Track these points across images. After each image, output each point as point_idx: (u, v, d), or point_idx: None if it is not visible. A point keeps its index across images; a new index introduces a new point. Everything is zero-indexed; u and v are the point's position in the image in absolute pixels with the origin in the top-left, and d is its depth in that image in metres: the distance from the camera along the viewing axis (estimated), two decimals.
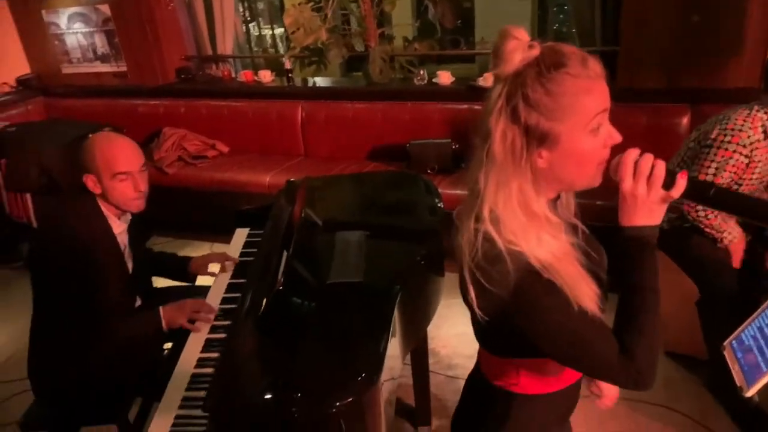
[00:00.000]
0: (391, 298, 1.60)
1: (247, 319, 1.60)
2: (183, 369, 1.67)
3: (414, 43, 4.44)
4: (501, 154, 0.93)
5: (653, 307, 0.94)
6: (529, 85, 0.90)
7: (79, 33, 4.87)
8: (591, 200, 2.88)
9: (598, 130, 0.93)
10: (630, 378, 0.92)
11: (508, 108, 0.92)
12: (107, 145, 1.87)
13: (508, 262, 0.90)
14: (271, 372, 1.44)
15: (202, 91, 4.65)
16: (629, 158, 0.92)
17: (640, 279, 0.94)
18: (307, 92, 4.40)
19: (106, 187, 1.86)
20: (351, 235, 1.94)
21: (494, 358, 1.12)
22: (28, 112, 4.94)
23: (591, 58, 0.92)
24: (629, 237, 0.94)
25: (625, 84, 3.38)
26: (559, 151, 0.93)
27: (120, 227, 1.97)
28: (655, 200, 0.91)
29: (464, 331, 2.97)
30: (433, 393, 2.52)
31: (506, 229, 0.92)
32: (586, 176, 0.96)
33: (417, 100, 3.99)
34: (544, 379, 1.09)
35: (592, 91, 0.91)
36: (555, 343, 0.95)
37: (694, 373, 2.58)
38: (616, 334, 0.94)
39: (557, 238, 0.95)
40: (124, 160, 1.86)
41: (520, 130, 0.92)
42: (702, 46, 3.14)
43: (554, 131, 0.92)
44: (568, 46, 0.92)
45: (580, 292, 0.92)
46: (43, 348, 1.94)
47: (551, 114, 0.91)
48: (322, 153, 4.28)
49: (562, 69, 0.90)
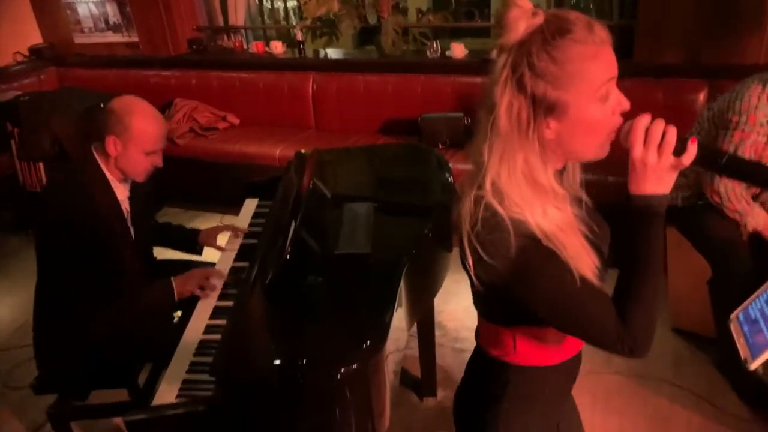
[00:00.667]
0: (398, 269, 1.60)
1: (255, 287, 1.61)
2: (191, 335, 1.69)
3: (428, 15, 4.38)
4: (507, 125, 0.91)
5: (654, 277, 0.93)
6: (534, 53, 0.89)
7: (91, 2, 4.84)
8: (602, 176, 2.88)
9: (606, 98, 0.91)
10: (625, 345, 0.92)
11: (513, 78, 0.90)
12: (147, 119, 1.86)
13: (510, 229, 0.90)
14: (277, 339, 1.46)
15: (214, 62, 4.62)
16: (640, 124, 0.90)
17: (644, 248, 0.93)
18: (319, 64, 4.36)
19: (129, 157, 1.86)
20: (359, 206, 1.94)
21: (491, 326, 1.11)
22: (40, 82, 4.95)
23: (596, 23, 0.90)
24: (637, 205, 0.92)
25: (642, 59, 3.32)
26: (568, 120, 0.91)
27: (123, 193, 1.97)
28: (665, 167, 0.90)
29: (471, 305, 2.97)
30: (439, 365, 2.54)
31: (510, 201, 0.91)
32: (594, 145, 0.95)
33: (429, 73, 3.94)
34: (542, 350, 1.08)
35: (598, 57, 0.89)
36: (552, 308, 0.95)
37: (702, 352, 2.57)
38: (615, 300, 0.94)
39: (562, 209, 0.94)
40: (159, 139, 1.90)
41: (526, 101, 0.91)
42: (721, 22, 3.07)
43: (562, 100, 0.90)
44: (572, 12, 0.90)
45: (581, 263, 0.92)
46: (48, 317, 1.96)
47: (558, 82, 0.89)
48: (333, 126, 4.26)
49: (567, 35, 0.88)
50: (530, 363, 1.10)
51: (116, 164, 1.90)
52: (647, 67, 3.28)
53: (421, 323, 2.32)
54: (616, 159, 0.99)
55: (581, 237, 0.94)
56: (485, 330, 1.15)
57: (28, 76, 4.93)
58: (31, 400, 2.18)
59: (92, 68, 4.91)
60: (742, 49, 3.07)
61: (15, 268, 3.64)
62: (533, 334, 1.07)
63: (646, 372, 2.47)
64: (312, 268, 1.68)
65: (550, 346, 1.08)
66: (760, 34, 3.01)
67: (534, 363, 1.10)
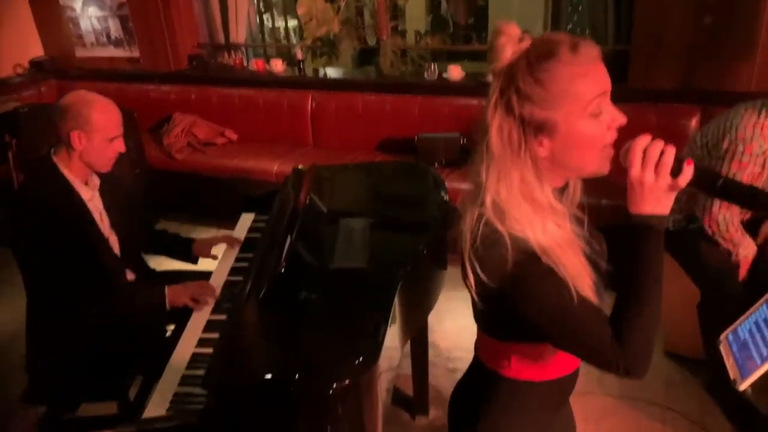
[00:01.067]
0: (393, 285, 1.61)
1: (249, 300, 1.61)
2: (184, 348, 1.69)
3: (426, 37, 4.44)
4: (499, 146, 0.95)
5: (653, 297, 0.93)
6: (519, 77, 0.93)
7: (93, 17, 4.89)
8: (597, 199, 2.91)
9: (599, 113, 0.93)
10: (621, 365, 0.92)
11: (502, 101, 0.94)
12: (104, 107, 1.90)
13: (509, 246, 0.92)
14: (270, 353, 1.46)
15: (214, 78, 4.66)
16: (639, 144, 0.92)
17: (643, 267, 0.93)
18: (318, 83, 4.40)
19: (95, 147, 1.87)
20: (355, 222, 1.95)
21: (490, 339, 1.13)
22: (40, 94, 4.98)
23: (583, 42, 0.93)
24: (636, 225, 0.94)
25: (636, 84, 3.37)
26: (560, 137, 0.94)
27: (88, 193, 1.96)
28: (662, 187, 0.91)
29: (465, 325, 2.95)
30: (432, 384, 2.53)
31: (510, 218, 0.94)
32: (592, 161, 0.97)
33: (427, 94, 3.99)
34: (536, 366, 1.09)
35: (587, 75, 0.92)
36: (548, 325, 0.95)
37: (694, 375, 2.57)
38: (612, 319, 0.94)
39: (562, 226, 0.96)
40: (119, 124, 1.93)
41: (515, 122, 0.94)
42: (714, 48, 3.13)
43: (550, 119, 0.93)
44: (558, 35, 0.93)
45: (580, 281, 0.93)
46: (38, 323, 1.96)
47: (544, 103, 0.92)
48: (331, 143, 4.29)
49: (552, 58, 0.91)
50: (523, 377, 1.10)
51: (82, 158, 1.89)
52: (641, 91, 3.33)
53: (415, 342, 2.32)
54: (612, 182, 1.01)
55: (581, 254, 0.96)
56: (484, 343, 1.16)
57: (28, 88, 4.96)
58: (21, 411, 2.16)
59: (92, 81, 4.94)
60: (734, 75, 3.13)
61: (7, 278, 3.62)
62: (529, 350, 1.08)
63: (638, 394, 2.47)
64: (307, 282, 1.69)
65: (546, 362, 1.09)
66: (750, 62, 3.06)
67: (527, 377, 1.10)
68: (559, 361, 1.10)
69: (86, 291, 1.86)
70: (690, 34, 3.14)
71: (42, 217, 1.81)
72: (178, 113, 4.52)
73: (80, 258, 1.86)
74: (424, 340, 2.38)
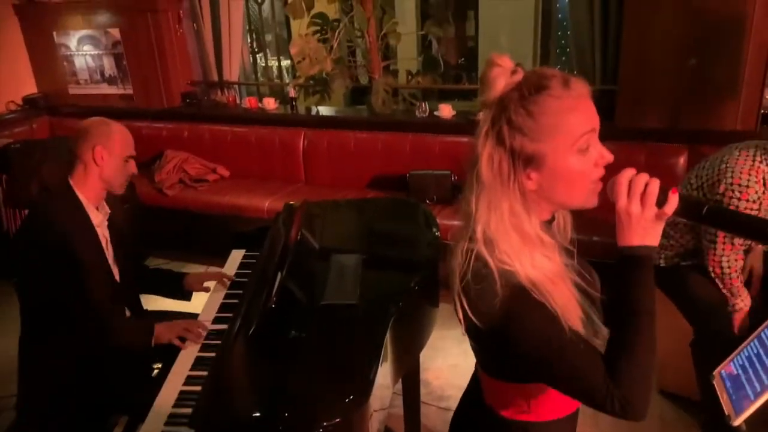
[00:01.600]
0: (384, 321, 1.60)
1: (238, 337, 1.59)
2: (171, 385, 1.66)
3: (417, 76, 4.51)
4: (489, 176, 0.95)
5: (647, 331, 0.91)
6: (512, 108, 0.94)
7: (88, 55, 4.95)
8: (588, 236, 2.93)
9: (587, 150, 0.94)
10: (616, 405, 0.88)
11: (493, 132, 0.95)
12: (123, 129, 2.02)
13: (497, 279, 0.91)
14: (259, 390, 1.43)
15: (207, 115, 4.70)
16: (624, 177, 0.93)
17: (633, 301, 0.92)
18: (310, 120, 4.45)
19: (115, 164, 1.95)
20: (347, 258, 1.94)
21: (499, 383, 1.08)
22: (32, 131, 4.99)
23: (574, 78, 0.94)
24: (625, 257, 0.93)
25: (623, 123, 3.43)
26: (547, 171, 0.95)
27: (98, 217, 1.98)
28: (649, 218, 0.92)
29: (457, 363, 2.94)
30: (424, 424, 2.49)
31: (499, 250, 0.93)
32: (578, 196, 0.97)
33: (418, 131, 4.03)
34: (536, 407, 1.06)
35: (576, 110, 0.93)
36: (540, 362, 0.93)
37: (689, 414, 2.55)
38: (606, 355, 0.92)
39: (551, 259, 0.96)
40: (133, 146, 2.02)
41: (505, 153, 0.95)
42: (699, 89, 3.19)
43: (540, 152, 0.94)
44: (550, 69, 0.95)
45: (569, 313, 0.92)
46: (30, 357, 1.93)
47: (534, 135, 0.93)
48: (323, 180, 4.31)
49: (544, 91, 0.93)
50: (548, 418, 1.07)
51: (101, 176, 1.94)
52: (629, 130, 3.38)
53: (407, 381, 2.29)
54: (602, 219, 1.01)
55: (571, 286, 0.95)
56: (492, 388, 1.11)
57: (21, 124, 4.97)
58: None
59: (85, 118, 4.94)
60: (720, 114, 3.19)
61: None
62: (529, 390, 1.05)
63: None
64: (297, 318, 1.67)
65: (547, 403, 1.06)
66: (735, 101, 3.13)
67: (551, 417, 1.07)
68: (555, 401, 1.06)
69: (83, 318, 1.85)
70: (675, 74, 3.21)
71: (50, 235, 1.83)
72: (170, 150, 4.54)
73: (82, 280, 1.86)
74: (416, 378, 2.34)
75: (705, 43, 3.11)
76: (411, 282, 1.82)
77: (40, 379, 1.90)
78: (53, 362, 1.86)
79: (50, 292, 1.83)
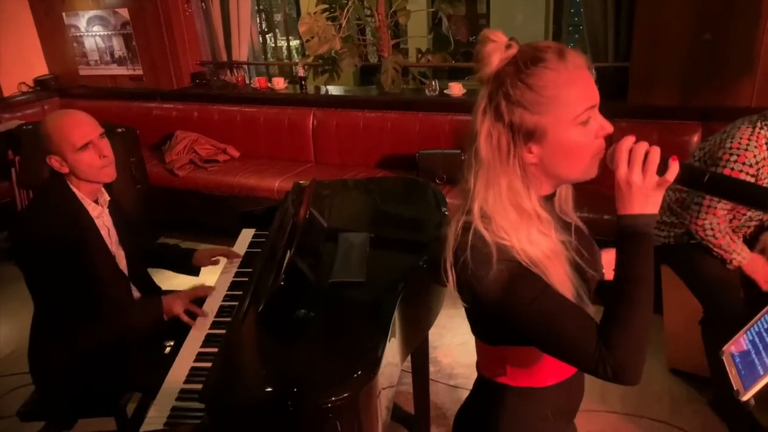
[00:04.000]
0: (392, 299, 1.60)
1: (248, 314, 1.60)
2: (182, 363, 1.68)
3: (427, 54, 4.47)
4: (488, 153, 0.95)
5: (642, 299, 0.91)
6: (509, 83, 0.93)
7: (97, 36, 4.95)
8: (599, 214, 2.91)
9: (588, 122, 0.94)
10: (609, 371, 0.89)
11: (491, 107, 0.95)
12: (61, 121, 1.85)
13: (494, 251, 0.92)
14: (268, 366, 1.45)
15: (216, 96, 4.69)
16: (624, 146, 0.92)
17: (631, 269, 0.92)
18: (319, 100, 4.43)
19: (72, 162, 1.83)
20: (355, 236, 1.94)
21: (484, 345, 1.12)
22: (44, 112, 5.02)
23: (569, 50, 0.94)
24: (624, 225, 0.93)
25: (636, 101, 3.38)
26: (549, 144, 0.94)
27: (96, 209, 1.95)
28: (650, 186, 0.91)
29: (466, 341, 2.95)
30: (433, 401, 2.51)
31: (497, 226, 0.94)
32: (579, 168, 0.97)
33: (428, 110, 4.00)
34: (533, 371, 1.08)
35: (576, 82, 0.92)
36: (532, 328, 0.94)
37: (699, 392, 2.55)
38: (602, 322, 0.93)
39: (547, 235, 0.96)
40: (81, 132, 1.84)
41: (504, 128, 0.94)
42: (714, 65, 3.14)
43: (540, 124, 0.93)
44: (544, 42, 0.95)
45: (563, 290, 0.93)
46: (41, 337, 1.95)
47: (535, 107, 0.92)
48: (332, 160, 4.30)
49: (540, 64, 0.92)
50: (522, 384, 1.09)
51: (77, 176, 1.87)
52: (641, 108, 3.34)
53: (415, 358, 2.30)
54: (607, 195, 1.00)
55: (566, 264, 0.96)
56: (479, 350, 1.15)
57: (32, 106, 5.01)
58: (17, 430, 2.14)
59: (95, 99, 4.99)
60: (734, 92, 3.14)
61: (11, 296, 3.62)
62: (522, 354, 1.07)
63: (642, 411, 2.44)
64: (306, 296, 1.68)
65: (541, 367, 1.07)
66: (751, 78, 3.07)
67: (525, 384, 1.09)
68: (554, 364, 1.07)
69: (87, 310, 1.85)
70: (689, 50, 3.16)
71: (47, 233, 1.80)
72: (180, 131, 4.55)
73: (83, 274, 1.85)
74: (425, 356, 2.36)
75: (720, 17, 3.05)
76: (419, 260, 1.82)
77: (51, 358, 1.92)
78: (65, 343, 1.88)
79: (51, 285, 1.82)
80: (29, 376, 2.00)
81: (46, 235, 1.80)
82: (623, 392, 2.47)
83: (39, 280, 1.84)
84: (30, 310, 1.96)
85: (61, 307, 1.84)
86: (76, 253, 1.84)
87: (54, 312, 1.86)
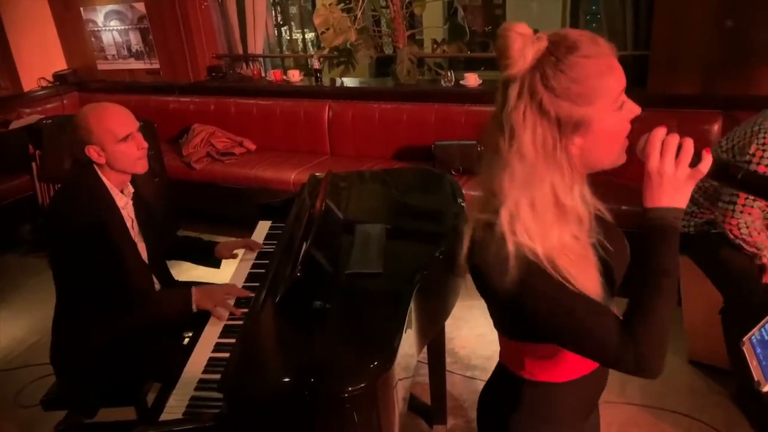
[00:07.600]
0: (408, 290, 1.60)
1: (265, 305, 1.62)
2: (201, 352, 1.69)
3: (443, 45, 4.44)
4: (533, 152, 0.90)
5: (667, 292, 0.90)
6: (550, 75, 0.89)
7: (114, 30, 4.99)
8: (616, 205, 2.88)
9: (622, 107, 0.93)
10: (632, 362, 0.89)
11: (533, 103, 0.90)
12: (104, 113, 1.90)
13: (514, 251, 0.89)
14: (285, 357, 1.46)
15: (232, 89, 4.72)
16: (656, 136, 0.91)
17: (657, 262, 0.91)
18: (335, 92, 4.43)
19: (112, 153, 1.89)
20: (371, 227, 1.95)
21: (505, 340, 1.11)
22: (63, 107, 5.08)
23: (598, 36, 0.92)
24: (653, 218, 0.92)
25: (656, 89, 3.34)
26: (592, 134, 0.92)
27: (123, 200, 1.99)
28: (682, 178, 0.90)
29: (483, 333, 2.95)
30: (450, 393, 2.51)
31: (522, 228, 0.90)
32: (614, 154, 0.96)
33: (443, 101, 3.99)
34: (552, 366, 1.07)
35: (612, 69, 0.91)
36: (551, 326, 0.93)
37: (719, 384, 2.52)
38: (626, 314, 0.92)
39: (579, 238, 0.94)
40: (123, 124, 1.91)
41: (551, 124, 0.90)
42: (735, 52, 3.08)
43: (587, 116, 0.90)
44: (572, 31, 0.92)
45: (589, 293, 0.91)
46: (64, 327, 1.99)
47: (581, 99, 0.90)
48: (348, 152, 4.30)
49: (576, 53, 0.89)
50: (541, 379, 1.08)
51: (112, 167, 1.92)
52: (661, 97, 3.29)
53: (432, 350, 2.30)
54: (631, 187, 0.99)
55: (593, 269, 0.94)
56: (502, 344, 1.15)
57: (52, 100, 5.07)
58: (40, 418, 2.18)
59: (114, 93, 5.03)
60: (757, 81, 3.08)
61: (33, 288, 3.68)
62: (542, 350, 1.06)
63: (662, 403, 2.42)
64: (322, 287, 1.69)
65: (561, 363, 1.06)
66: None
67: (545, 379, 1.08)
68: (575, 359, 1.06)
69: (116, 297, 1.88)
70: (710, 37, 3.10)
71: (77, 221, 1.84)
72: (197, 124, 4.58)
73: (112, 262, 1.89)
74: (442, 347, 2.36)
75: (743, 4, 2.99)
76: (436, 251, 1.82)
77: (73, 347, 1.95)
78: (88, 334, 1.91)
79: (81, 272, 1.85)
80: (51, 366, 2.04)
81: (80, 219, 1.84)
82: (643, 384, 2.45)
83: (70, 266, 1.87)
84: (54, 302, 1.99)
85: (88, 295, 1.86)
86: (106, 240, 1.88)
87: (79, 300, 1.89)
